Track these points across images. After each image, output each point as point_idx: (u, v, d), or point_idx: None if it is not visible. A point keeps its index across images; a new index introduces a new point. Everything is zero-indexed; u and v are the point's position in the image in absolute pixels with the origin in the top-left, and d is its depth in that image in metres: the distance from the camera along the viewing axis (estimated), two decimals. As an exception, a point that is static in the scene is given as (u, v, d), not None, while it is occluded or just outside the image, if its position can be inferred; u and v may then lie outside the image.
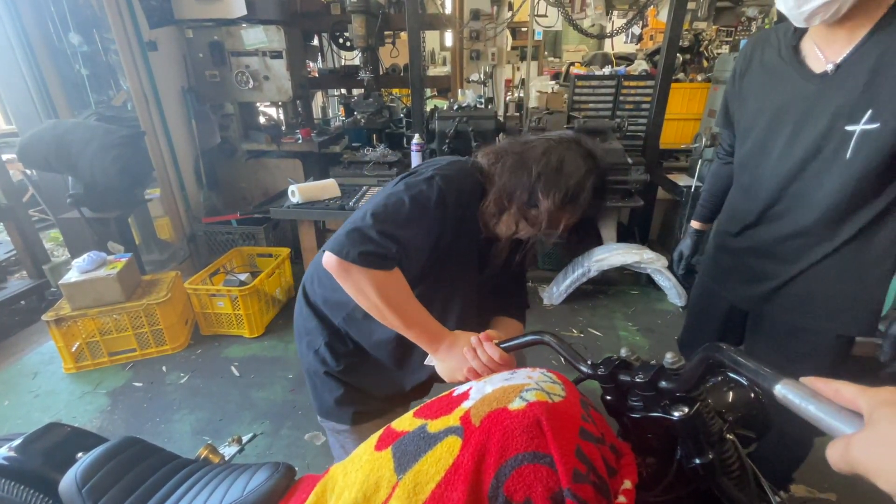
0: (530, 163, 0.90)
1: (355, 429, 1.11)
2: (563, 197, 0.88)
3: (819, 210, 1.04)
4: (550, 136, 0.94)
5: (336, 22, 3.41)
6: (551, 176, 0.88)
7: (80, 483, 0.80)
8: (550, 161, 0.89)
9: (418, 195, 0.90)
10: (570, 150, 0.91)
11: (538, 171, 0.89)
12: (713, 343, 0.54)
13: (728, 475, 0.63)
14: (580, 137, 0.95)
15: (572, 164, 0.89)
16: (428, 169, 0.95)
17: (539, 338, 0.81)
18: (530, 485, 0.54)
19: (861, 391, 0.39)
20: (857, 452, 0.36)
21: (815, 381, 0.43)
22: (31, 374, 2.41)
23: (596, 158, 0.92)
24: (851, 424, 0.38)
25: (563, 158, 0.89)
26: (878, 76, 0.90)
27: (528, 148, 0.93)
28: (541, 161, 0.89)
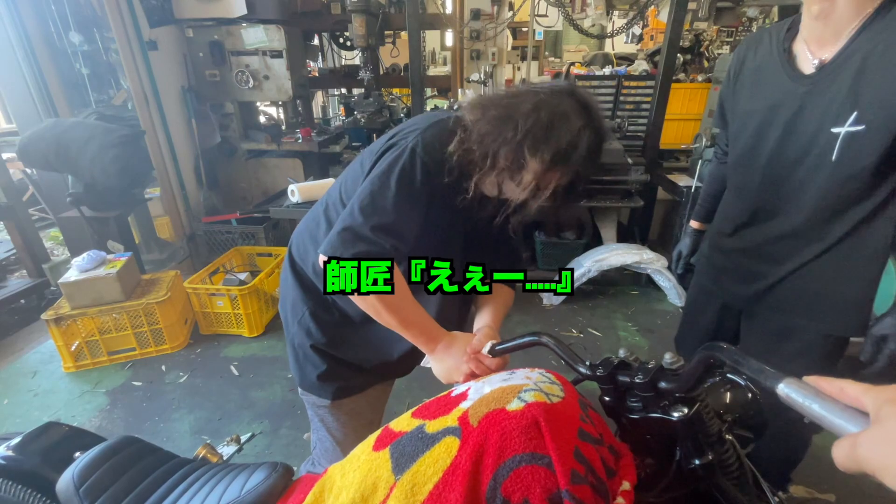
0: (517, 118, 0.81)
1: (336, 404, 1.10)
2: (553, 155, 0.80)
3: (808, 211, 1.05)
4: (541, 88, 0.85)
5: (336, 21, 3.41)
6: (540, 133, 0.80)
7: (77, 482, 0.80)
8: (540, 117, 0.80)
9: (402, 175, 0.86)
10: (562, 103, 0.82)
11: (526, 129, 0.80)
12: (713, 343, 0.54)
13: (727, 476, 0.63)
14: (574, 88, 0.86)
15: (564, 119, 0.80)
16: (408, 136, 0.90)
17: (537, 339, 0.81)
18: (528, 486, 0.54)
19: (866, 389, 0.39)
20: (864, 451, 0.35)
21: (819, 380, 0.42)
22: (30, 372, 2.41)
23: (591, 111, 0.84)
24: (857, 423, 0.37)
25: (555, 112, 0.80)
26: (862, 78, 0.91)
27: (515, 101, 0.83)
28: (529, 117, 0.80)
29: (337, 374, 1.08)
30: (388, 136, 0.97)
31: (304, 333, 1.07)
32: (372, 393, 1.15)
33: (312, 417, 1.18)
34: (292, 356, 1.12)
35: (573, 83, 0.90)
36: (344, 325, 1.08)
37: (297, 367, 1.11)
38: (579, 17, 3.71)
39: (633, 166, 2.88)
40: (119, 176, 2.57)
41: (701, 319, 1.38)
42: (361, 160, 1.00)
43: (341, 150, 3.37)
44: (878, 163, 0.93)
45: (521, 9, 3.59)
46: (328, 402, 1.10)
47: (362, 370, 1.11)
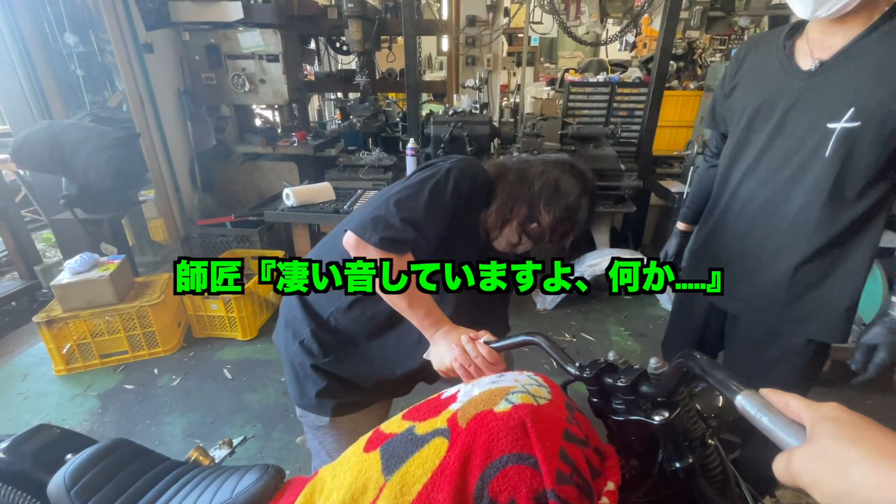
0: (531, 178, 0.99)
1: (335, 422, 1.10)
2: (562, 213, 0.97)
3: (796, 209, 1.05)
4: (546, 159, 1.04)
5: (333, 26, 3.42)
6: (550, 193, 0.98)
7: (68, 485, 0.80)
8: (549, 179, 0.98)
9: (436, 184, 0.95)
10: (564, 171, 1.00)
11: (538, 188, 0.98)
12: (687, 351, 0.55)
13: (710, 479, 0.64)
14: (573, 161, 1.05)
15: (568, 184, 0.98)
16: (445, 162, 1.01)
17: (530, 338, 0.82)
18: (514, 486, 0.55)
19: (806, 405, 0.40)
20: (796, 465, 0.37)
21: (770, 394, 0.44)
22: (21, 375, 2.40)
23: (588, 179, 1.01)
24: (797, 437, 0.39)
25: (560, 178, 0.99)
26: (863, 76, 0.91)
27: (527, 166, 1.02)
28: (540, 178, 0.98)
29: (337, 391, 1.09)
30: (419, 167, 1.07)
31: (304, 353, 1.07)
32: (371, 412, 1.15)
33: (311, 441, 1.18)
34: (291, 375, 1.12)
35: (569, 159, 1.07)
36: (346, 345, 1.08)
37: (296, 385, 1.11)
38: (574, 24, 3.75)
39: (627, 172, 2.91)
40: (113, 178, 2.56)
41: (687, 323, 1.39)
42: None
43: (337, 153, 3.38)
44: (872, 162, 0.94)
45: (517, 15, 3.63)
46: (327, 421, 1.09)
47: (362, 388, 1.11)
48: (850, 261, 1.06)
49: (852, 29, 0.93)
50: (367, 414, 1.15)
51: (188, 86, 3.34)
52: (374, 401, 1.15)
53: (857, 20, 0.92)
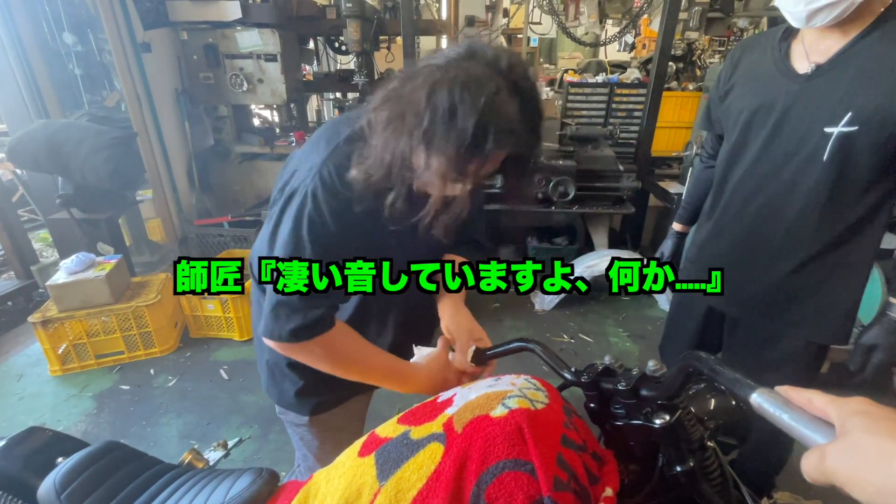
0: (411, 116, 0.66)
1: (314, 420, 1.07)
2: (457, 149, 0.64)
3: (794, 212, 1.04)
4: (437, 62, 0.68)
5: (331, 26, 3.41)
6: (440, 127, 0.64)
7: (58, 489, 0.79)
8: (437, 105, 0.64)
9: (312, 228, 0.76)
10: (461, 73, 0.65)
11: (423, 129, 0.65)
12: (693, 351, 0.54)
13: (709, 482, 0.63)
14: (474, 47, 0.69)
15: (466, 94, 0.63)
16: (306, 178, 0.78)
17: (524, 345, 0.81)
18: (511, 492, 0.54)
19: (831, 401, 0.39)
20: (832, 462, 0.36)
21: (789, 391, 0.43)
22: (16, 376, 2.38)
23: (502, 69, 0.67)
24: (824, 434, 0.38)
25: (453, 91, 0.63)
26: (860, 79, 0.91)
27: (410, 92, 0.67)
28: (425, 111, 0.64)
29: (315, 389, 1.04)
30: (286, 170, 0.87)
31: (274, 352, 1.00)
32: (350, 406, 1.13)
33: (293, 436, 1.15)
34: (268, 375, 1.06)
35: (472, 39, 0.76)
36: None
37: (273, 385, 1.06)
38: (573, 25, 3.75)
39: (625, 173, 2.91)
40: (110, 178, 2.54)
41: (685, 326, 1.38)
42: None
43: (335, 153, 3.37)
44: (870, 166, 0.94)
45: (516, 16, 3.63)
46: (307, 419, 1.07)
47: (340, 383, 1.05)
48: (849, 263, 1.06)
49: (848, 32, 0.92)
50: (347, 409, 1.12)
51: (186, 85, 3.33)
52: (352, 395, 1.12)
53: (853, 24, 0.91)
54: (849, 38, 0.92)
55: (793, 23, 0.96)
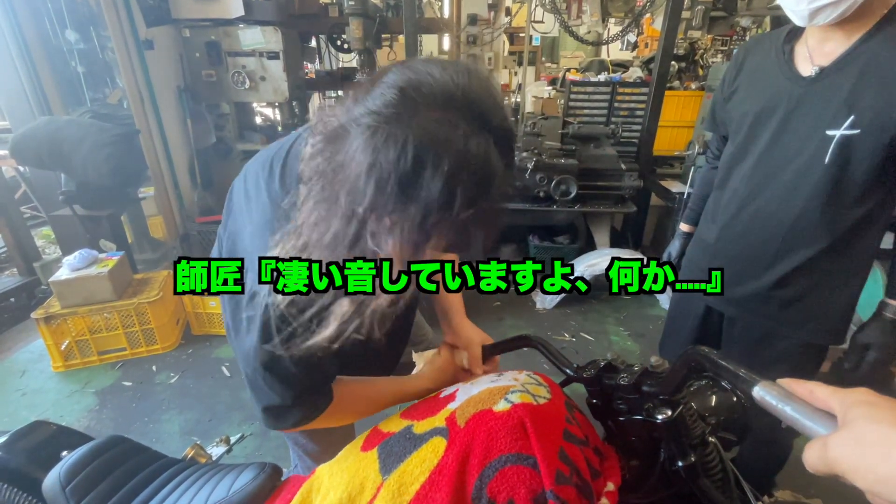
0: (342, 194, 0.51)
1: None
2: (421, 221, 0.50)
3: (795, 214, 1.04)
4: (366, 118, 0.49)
5: (334, 24, 3.42)
6: (391, 204, 0.49)
7: (63, 482, 0.80)
8: (382, 177, 0.48)
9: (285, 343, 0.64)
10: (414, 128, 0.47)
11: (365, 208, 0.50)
12: (694, 346, 0.55)
13: (710, 478, 0.64)
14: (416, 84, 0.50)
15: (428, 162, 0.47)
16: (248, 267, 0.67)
17: (526, 341, 0.82)
18: (513, 486, 0.54)
19: (833, 392, 0.40)
20: (834, 452, 0.36)
21: (792, 383, 0.43)
22: (19, 372, 2.39)
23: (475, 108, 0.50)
24: (826, 425, 0.39)
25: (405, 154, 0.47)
26: (862, 82, 0.91)
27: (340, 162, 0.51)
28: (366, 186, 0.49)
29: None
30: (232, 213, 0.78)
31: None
32: None
33: (287, 439, 1.13)
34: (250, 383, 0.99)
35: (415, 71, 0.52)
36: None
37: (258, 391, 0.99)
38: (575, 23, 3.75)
39: (627, 172, 2.90)
40: (112, 175, 2.55)
41: (684, 324, 1.38)
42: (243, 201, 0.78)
43: (337, 151, 3.37)
44: (871, 169, 0.94)
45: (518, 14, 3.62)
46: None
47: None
48: (848, 265, 1.06)
49: (852, 33, 0.92)
50: None
51: (188, 83, 3.33)
52: None
53: (856, 26, 0.91)
54: (852, 41, 0.93)
55: (795, 21, 0.96)
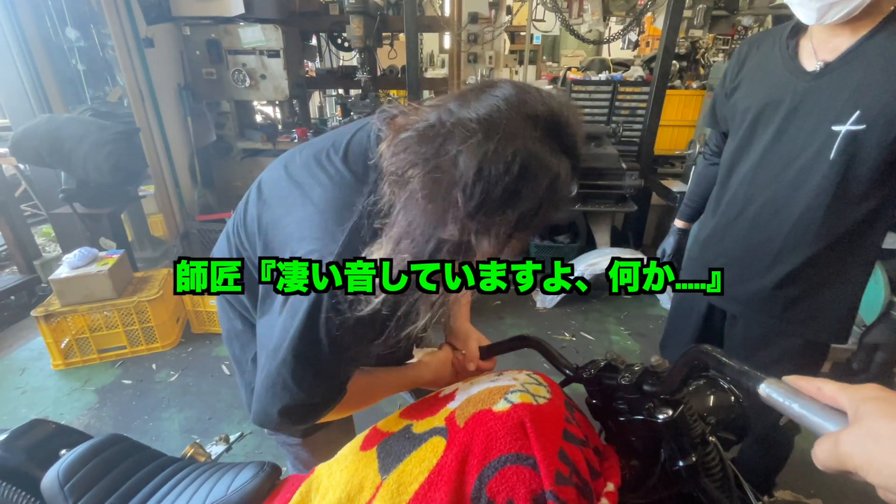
0: (454, 192, 0.53)
1: (307, 441, 1.01)
2: (513, 228, 0.56)
3: (799, 211, 1.03)
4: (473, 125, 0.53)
5: (334, 22, 3.41)
6: (495, 206, 0.53)
7: (62, 480, 0.80)
8: (491, 184, 0.52)
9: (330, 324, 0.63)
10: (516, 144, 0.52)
11: (472, 208, 0.53)
12: (697, 345, 0.54)
13: (710, 477, 0.63)
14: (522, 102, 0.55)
15: (528, 172, 0.53)
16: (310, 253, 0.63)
17: (524, 342, 0.81)
18: (513, 486, 0.54)
19: (842, 388, 0.39)
20: (847, 448, 0.36)
21: (798, 380, 0.43)
22: (19, 370, 2.39)
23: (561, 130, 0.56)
24: (835, 422, 0.38)
25: (512, 168, 0.52)
26: (868, 77, 0.90)
27: (446, 162, 0.53)
28: (473, 188, 0.52)
29: None
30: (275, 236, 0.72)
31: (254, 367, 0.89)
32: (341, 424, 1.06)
33: (286, 454, 1.09)
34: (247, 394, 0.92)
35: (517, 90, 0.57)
36: None
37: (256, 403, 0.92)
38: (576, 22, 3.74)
39: (628, 171, 2.90)
40: (112, 173, 2.55)
41: (686, 323, 1.37)
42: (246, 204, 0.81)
43: (337, 150, 3.36)
44: (876, 165, 0.93)
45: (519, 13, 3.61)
46: (299, 440, 1.01)
47: None
48: (852, 263, 1.06)
49: (857, 30, 0.92)
50: (339, 426, 1.03)
51: (188, 81, 3.33)
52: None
53: (863, 22, 0.90)
54: (858, 37, 0.92)
55: (803, 20, 0.95)
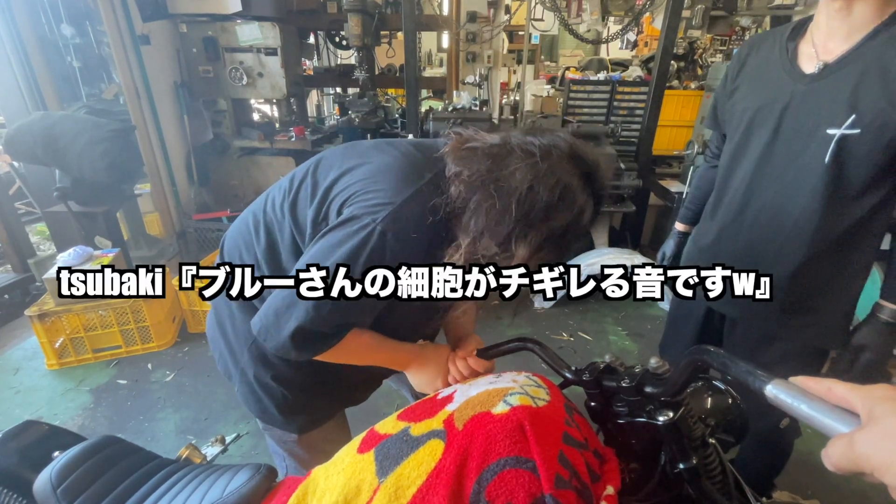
0: (510, 201, 0.68)
1: (303, 438, 1.01)
2: (545, 240, 0.71)
3: (795, 214, 1.03)
4: (535, 146, 0.70)
5: (332, 20, 3.40)
6: (536, 218, 0.69)
7: (55, 483, 0.79)
8: (537, 199, 0.67)
9: (370, 260, 0.72)
10: (561, 174, 0.69)
11: (519, 215, 0.68)
12: (700, 346, 0.54)
13: (710, 480, 0.63)
14: (574, 146, 0.73)
15: (564, 199, 0.69)
16: (378, 212, 0.72)
17: (522, 344, 0.81)
18: (512, 490, 0.53)
19: (853, 388, 0.39)
20: (863, 449, 0.35)
21: (806, 381, 0.42)
22: (12, 369, 2.37)
23: (594, 176, 0.73)
24: (847, 423, 0.37)
25: (555, 192, 0.68)
26: (865, 81, 0.90)
27: (506, 171, 0.69)
28: (524, 201, 0.67)
29: (302, 405, 0.97)
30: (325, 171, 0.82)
31: (259, 363, 0.92)
32: (340, 420, 1.09)
33: (278, 450, 1.07)
34: (246, 390, 0.96)
35: (571, 138, 0.75)
36: None
37: (254, 401, 0.96)
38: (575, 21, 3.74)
39: (626, 171, 2.90)
40: (108, 171, 2.53)
41: (685, 326, 1.37)
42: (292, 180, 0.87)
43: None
44: (870, 169, 0.93)
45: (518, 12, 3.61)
46: (295, 437, 1.01)
47: (330, 395, 1.01)
48: (849, 266, 1.06)
49: (857, 31, 0.91)
50: (337, 425, 1.07)
51: (185, 79, 3.31)
52: (339, 409, 1.08)
53: (863, 24, 0.90)
54: (857, 38, 0.92)
55: None
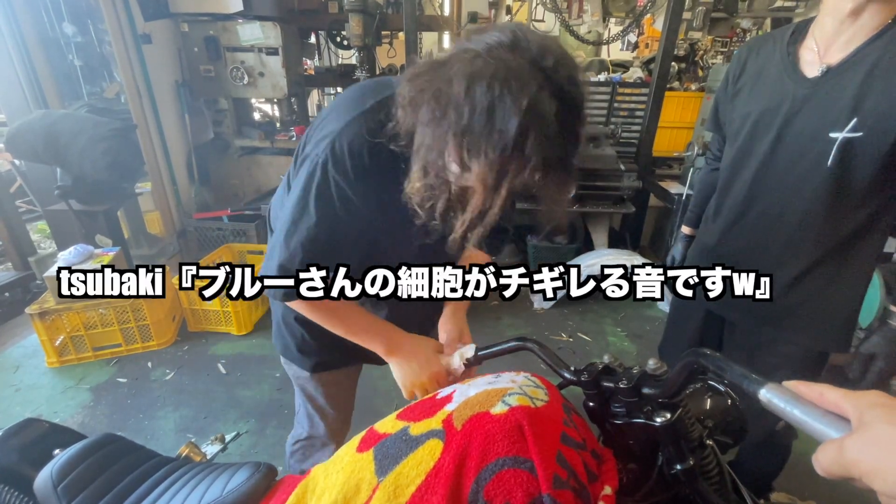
0: (448, 106, 0.60)
1: (315, 376, 1.13)
2: (501, 150, 0.59)
3: (797, 218, 1.04)
4: (475, 47, 0.61)
5: (333, 20, 3.40)
6: (479, 124, 0.58)
7: (55, 480, 0.79)
8: (476, 99, 0.57)
9: (319, 196, 0.75)
10: (503, 67, 0.58)
11: (462, 124, 0.59)
12: (697, 349, 0.54)
13: (707, 481, 0.63)
14: (516, 32, 0.61)
15: (507, 92, 0.57)
16: (320, 144, 0.74)
17: (521, 344, 0.81)
18: (510, 490, 0.54)
19: (845, 394, 0.39)
20: (852, 454, 0.35)
21: (799, 385, 0.43)
22: (12, 367, 2.37)
23: (547, 66, 0.59)
24: (838, 428, 0.38)
25: (493, 88, 0.57)
26: (867, 85, 0.90)
27: (447, 78, 0.60)
28: (463, 105, 0.58)
29: (316, 349, 1.08)
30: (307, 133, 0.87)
31: (286, 305, 0.98)
32: (350, 372, 1.19)
33: (294, 385, 1.21)
34: (275, 326, 1.13)
35: (518, 26, 0.63)
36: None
37: (279, 336, 1.13)
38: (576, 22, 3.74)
39: (626, 172, 2.90)
40: (109, 170, 2.53)
41: (685, 327, 1.37)
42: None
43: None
44: (873, 172, 0.93)
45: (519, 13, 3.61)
46: (308, 374, 1.13)
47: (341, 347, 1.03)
48: (851, 270, 1.05)
49: (859, 34, 0.91)
50: (346, 374, 1.18)
51: (186, 78, 3.31)
52: (351, 361, 1.16)
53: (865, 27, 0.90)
54: (859, 41, 0.92)
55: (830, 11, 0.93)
